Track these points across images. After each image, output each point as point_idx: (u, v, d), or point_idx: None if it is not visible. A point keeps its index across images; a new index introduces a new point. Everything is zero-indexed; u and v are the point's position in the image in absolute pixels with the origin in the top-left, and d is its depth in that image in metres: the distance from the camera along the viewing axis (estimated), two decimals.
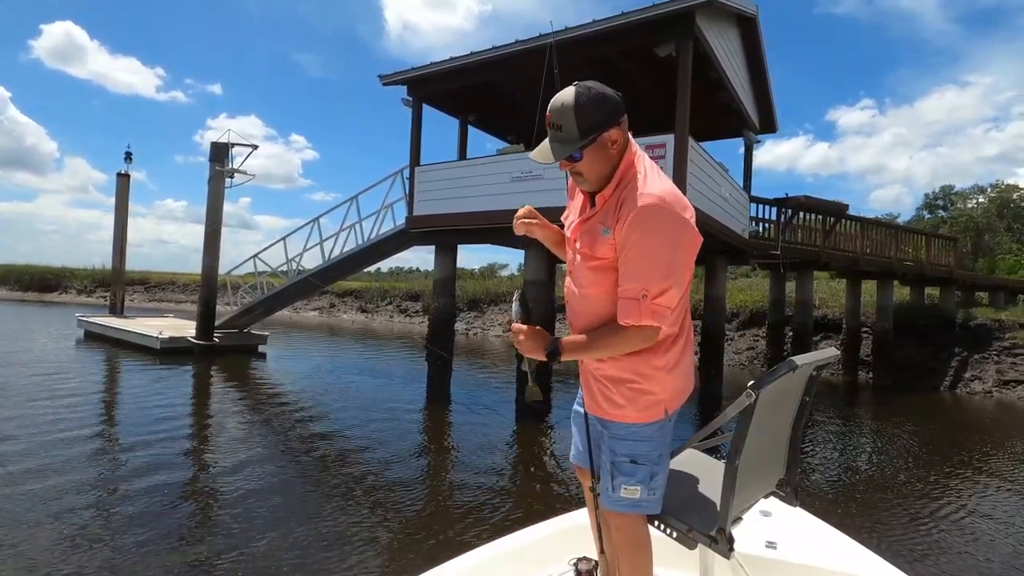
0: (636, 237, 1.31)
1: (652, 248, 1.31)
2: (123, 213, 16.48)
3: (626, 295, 1.34)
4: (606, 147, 1.35)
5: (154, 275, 31.98)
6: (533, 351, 1.46)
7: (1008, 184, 32.50)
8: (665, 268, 1.32)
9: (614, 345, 1.40)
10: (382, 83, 8.61)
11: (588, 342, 1.43)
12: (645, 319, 1.33)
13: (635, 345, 1.39)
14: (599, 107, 1.32)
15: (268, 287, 12.43)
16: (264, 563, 3.25)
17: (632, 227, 1.31)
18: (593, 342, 1.42)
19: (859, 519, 4.31)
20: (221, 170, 12.31)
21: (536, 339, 1.46)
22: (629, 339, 1.37)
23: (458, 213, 8.05)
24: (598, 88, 1.33)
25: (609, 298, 1.41)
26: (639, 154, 1.42)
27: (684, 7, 6.07)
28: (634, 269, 1.33)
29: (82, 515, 3.78)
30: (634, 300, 1.33)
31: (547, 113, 1.36)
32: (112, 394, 8.04)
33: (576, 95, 1.31)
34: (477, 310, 21.81)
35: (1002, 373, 11.12)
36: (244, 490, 4.39)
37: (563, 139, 1.34)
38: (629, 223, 1.31)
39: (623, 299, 1.35)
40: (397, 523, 3.94)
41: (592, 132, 1.32)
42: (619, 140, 1.36)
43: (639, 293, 1.32)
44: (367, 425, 6.69)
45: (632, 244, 1.32)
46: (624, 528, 1.51)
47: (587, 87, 1.32)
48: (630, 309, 1.34)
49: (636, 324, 1.34)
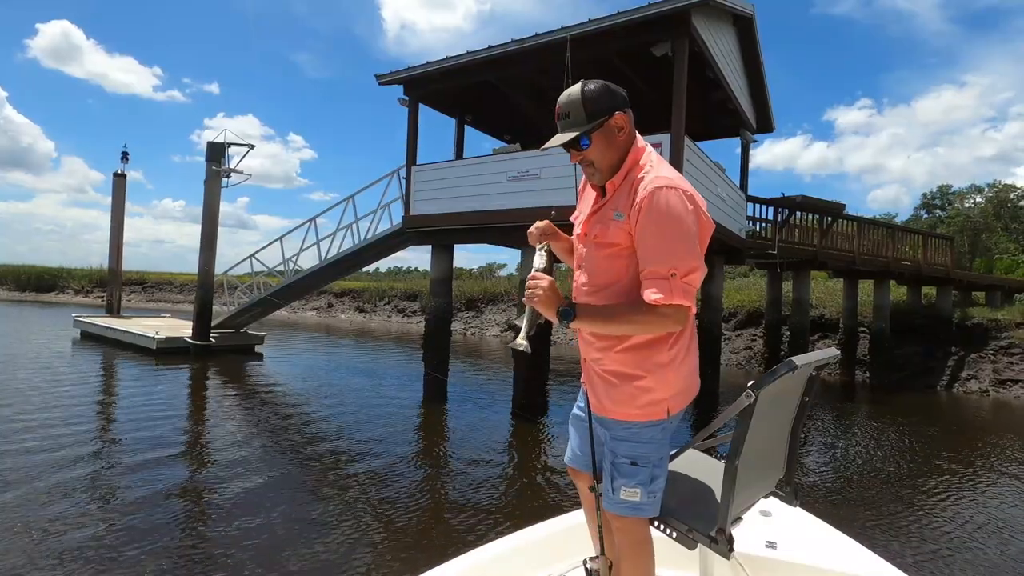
0: (655, 218, 1.31)
1: (674, 229, 1.31)
2: (119, 213, 16.45)
3: (654, 276, 1.31)
4: (613, 134, 1.41)
5: (151, 275, 31.95)
6: (548, 304, 1.37)
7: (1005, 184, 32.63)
8: (690, 246, 1.32)
9: (641, 321, 1.34)
10: (378, 83, 8.59)
11: (611, 313, 1.37)
12: (677, 297, 1.29)
13: (663, 325, 1.33)
14: (604, 94, 1.40)
15: (265, 287, 12.41)
16: (261, 565, 3.23)
17: (649, 210, 1.32)
18: (617, 314, 1.36)
19: (858, 518, 4.31)
20: (217, 170, 12.29)
21: (554, 295, 1.38)
22: (658, 318, 1.31)
23: (454, 213, 8.04)
24: (602, 81, 1.42)
25: (623, 290, 1.41)
26: (647, 147, 1.46)
27: (680, 7, 6.06)
28: (658, 251, 1.31)
29: (75, 516, 3.76)
30: (663, 279, 1.30)
31: (556, 107, 1.43)
32: (107, 394, 8.01)
33: (582, 86, 1.40)
34: (475, 310, 21.80)
35: (998, 372, 11.15)
36: (239, 491, 4.38)
37: (571, 124, 1.40)
38: (646, 207, 1.32)
39: (650, 279, 1.31)
40: (394, 523, 3.93)
41: (599, 116, 1.38)
42: (625, 127, 1.42)
43: (667, 272, 1.30)
44: (363, 426, 6.68)
45: (652, 225, 1.32)
46: (626, 530, 1.51)
47: (592, 80, 1.41)
48: (660, 287, 1.29)
49: (668, 303, 1.29)
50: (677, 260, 1.30)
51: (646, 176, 1.37)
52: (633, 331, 1.38)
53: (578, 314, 1.36)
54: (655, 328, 1.35)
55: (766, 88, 9.39)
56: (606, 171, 1.44)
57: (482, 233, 8.22)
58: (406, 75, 8.31)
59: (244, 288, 13.24)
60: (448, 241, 8.76)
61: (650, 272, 1.32)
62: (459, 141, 10.31)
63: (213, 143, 12.40)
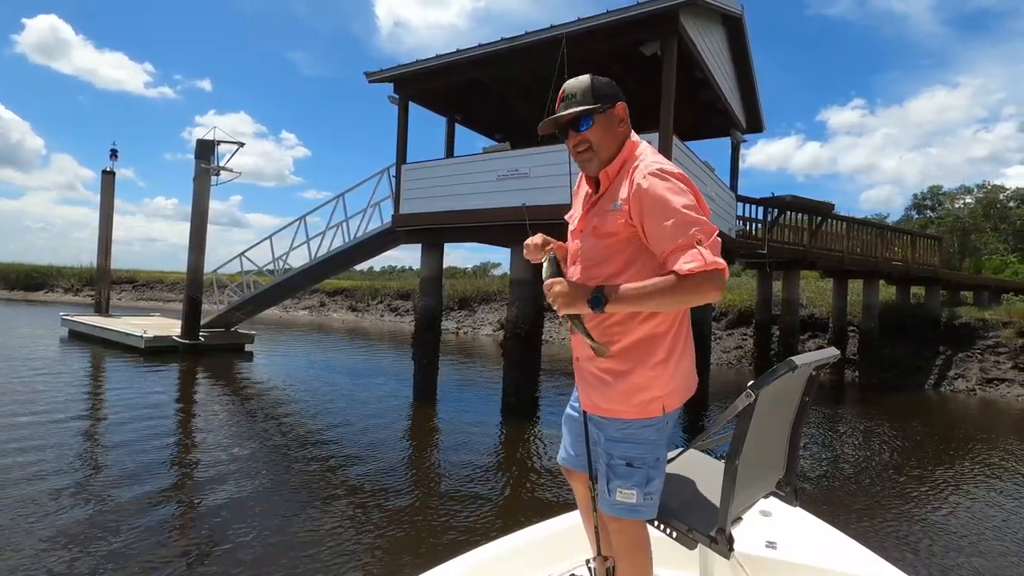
0: (659, 199, 1.31)
1: (679, 204, 1.30)
2: (108, 211, 16.31)
3: (680, 248, 1.27)
4: (615, 122, 1.45)
5: (143, 273, 31.70)
6: (574, 302, 1.35)
7: (995, 185, 32.95)
8: (700, 217, 1.30)
9: (678, 292, 1.27)
10: (368, 80, 8.56)
11: (645, 290, 1.29)
12: (712, 260, 1.25)
13: (703, 293, 1.26)
14: (611, 85, 1.48)
15: (255, 286, 12.34)
16: (252, 569, 3.20)
17: (650, 193, 1.32)
18: (652, 292, 1.28)
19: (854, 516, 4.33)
20: (207, 168, 12.21)
21: (576, 288, 1.36)
22: (696, 285, 1.25)
23: (443, 211, 8.01)
24: (606, 77, 1.49)
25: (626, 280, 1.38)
26: (641, 142, 1.49)
27: (667, 6, 6.07)
28: (673, 227, 1.29)
29: (60, 516, 3.72)
30: (691, 248, 1.26)
31: (559, 94, 1.47)
32: (92, 394, 7.93)
33: (591, 76, 1.47)
34: (468, 308, 21.77)
35: (985, 371, 11.24)
36: (226, 494, 4.33)
37: (578, 103, 1.43)
38: (647, 190, 1.33)
39: (675, 253, 1.27)
40: (386, 525, 3.90)
41: (605, 100, 1.44)
42: (625, 119, 1.47)
43: (692, 241, 1.27)
44: (354, 426, 6.64)
45: (657, 207, 1.31)
46: (623, 531, 1.50)
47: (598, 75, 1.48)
48: (692, 256, 1.25)
49: (703, 268, 1.24)
50: (695, 228, 1.28)
51: (640, 164, 1.38)
52: (672, 305, 1.33)
53: (608, 298, 1.31)
54: (695, 299, 1.28)
55: (756, 88, 9.42)
56: (602, 157, 1.45)
57: (471, 232, 8.20)
58: (396, 73, 8.27)
59: (234, 287, 13.17)
60: (437, 240, 8.73)
61: (673, 248, 1.28)
62: (449, 140, 10.28)
63: (203, 140, 12.32)
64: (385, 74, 8.39)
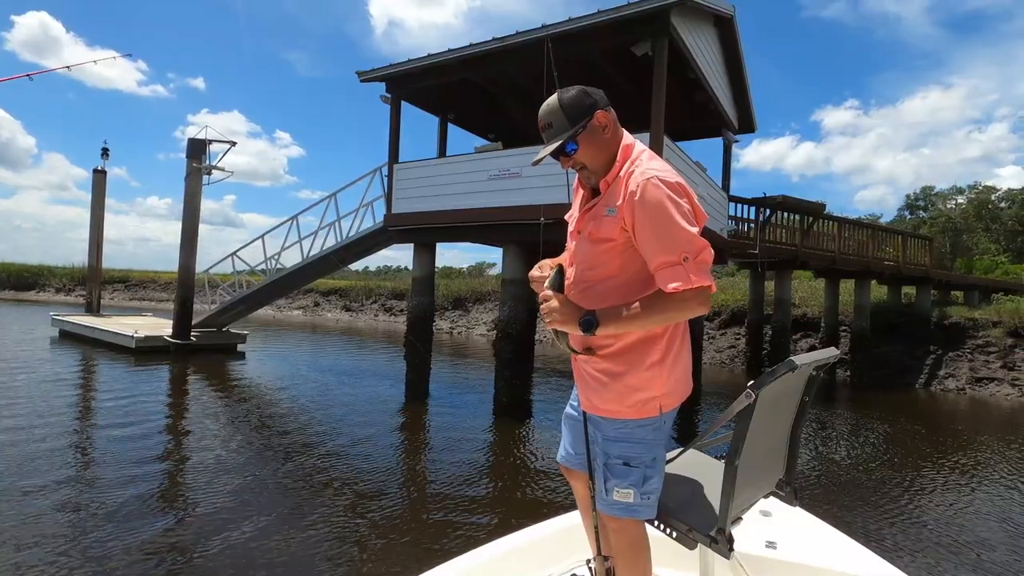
0: (652, 209, 1.30)
1: (672, 215, 1.30)
2: (99, 210, 16.16)
3: (666, 265, 1.29)
4: (598, 133, 1.42)
5: (135, 273, 31.50)
6: (566, 322, 1.37)
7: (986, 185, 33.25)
8: (690, 230, 1.30)
9: (666, 311, 1.31)
10: (360, 79, 8.53)
11: (634, 311, 1.32)
12: (695, 280, 1.27)
13: (689, 310, 1.31)
14: (581, 97, 1.42)
15: (247, 285, 12.29)
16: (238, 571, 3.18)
17: (643, 201, 1.31)
18: (641, 311, 1.32)
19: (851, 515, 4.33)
20: (198, 167, 12.14)
21: (570, 308, 1.38)
22: (682, 303, 1.29)
23: (435, 211, 8.00)
24: (577, 87, 1.44)
25: (617, 285, 1.40)
26: (635, 143, 1.46)
27: (658, 6, 6.08)
28: (662, 240, 1.30)
29: (51, 517, 3.68)
30: (676, 266, 1.28)
31: (538, 122, 1.44)
32: (83, 394, 7.85)
33: (559, 95, 1.43)
34: (462, 308, 21.75)
35: (975, 371, 11.32)
36: (218, 496, 4.29)
37: (556, 133, 1.42)
38: (640, 199, 1.31)
39: (663, 269, 1.30)
40: (380, 525, 3.88)
41: (580, 119, 1.40)
42: (608, 124, 1.43)
43: (679, 258, 1.28)
44: (347, 426, 6.60)
45: (649, 217, 1.31)
46: (621, 531, 1.49)
47: (567, 88, 1.44)
48: (676, 274, 1.28)
49: (688, 287, 1.27)
50: (684, 243, 1.28)
51: (636, 170, 1.37)
52: (661, 323, 1.37)
53: (601, 321, 1.34)
54: (682, 315, 1.33)
55: (748, 89, 9.45)
56: (599, 171, 1.44)
57: (463, 232, 8.19)
58: (387, 72, 8.25)
59: (226, 287, 13.10)
60: (429, 240, 8.71)
61: (661, 263, 1.30)
62: (442, 139, 10.26)
63: (194, 139, 12.25)
64: (377, 73, 8.37)
